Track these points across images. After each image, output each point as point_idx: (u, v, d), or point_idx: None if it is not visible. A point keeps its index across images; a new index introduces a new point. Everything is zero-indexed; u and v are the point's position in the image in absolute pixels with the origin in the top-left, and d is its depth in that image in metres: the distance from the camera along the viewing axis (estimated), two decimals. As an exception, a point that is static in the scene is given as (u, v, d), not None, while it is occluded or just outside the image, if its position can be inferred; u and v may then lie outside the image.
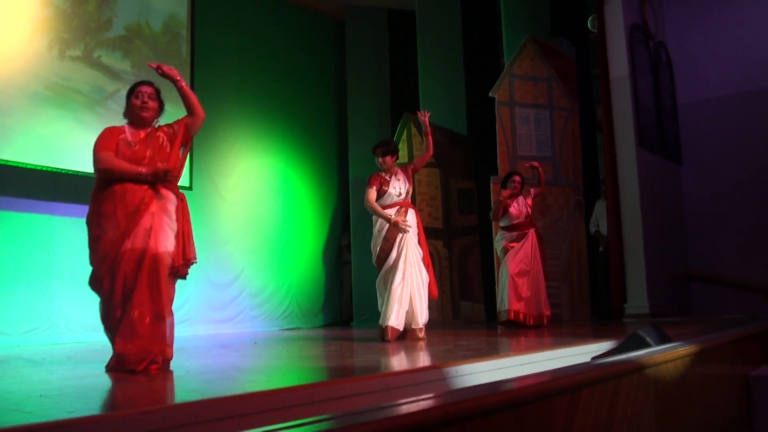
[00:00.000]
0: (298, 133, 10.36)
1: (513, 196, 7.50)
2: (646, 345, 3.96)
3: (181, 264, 3.72)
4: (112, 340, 3.65)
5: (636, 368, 3.10)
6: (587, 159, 9.60)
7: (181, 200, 3.84)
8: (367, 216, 6.46)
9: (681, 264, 9.70)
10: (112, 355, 3.63)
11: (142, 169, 3.71)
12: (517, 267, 7.31)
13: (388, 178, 6.08)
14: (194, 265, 3.83)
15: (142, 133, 3.87)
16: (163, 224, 3.70)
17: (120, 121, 3.99)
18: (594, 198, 9.49)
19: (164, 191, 3.76)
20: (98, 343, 6.48)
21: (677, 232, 9.75)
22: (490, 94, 9.09)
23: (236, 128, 9.42)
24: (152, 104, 3.89)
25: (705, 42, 9.96)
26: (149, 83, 3.98)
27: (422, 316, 5.84)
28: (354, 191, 10.22)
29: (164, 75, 3.81)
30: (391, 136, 10.13)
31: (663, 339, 4.16)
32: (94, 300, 7.35)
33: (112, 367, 3.61)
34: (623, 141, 8.61)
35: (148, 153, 3.81)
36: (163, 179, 3.75)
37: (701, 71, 9.96)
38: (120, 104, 4.20)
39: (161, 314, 3.59)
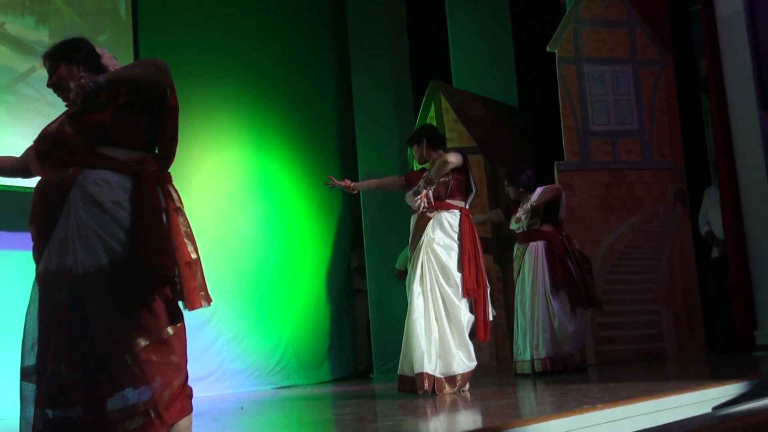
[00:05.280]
0: (287, 115, 10.29)
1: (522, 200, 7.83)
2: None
3: (143, 275, 3.41)
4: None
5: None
6: (690, 131, 9.50)
7: (140, 180, 3.53)
8: (386, 225, 6.58)
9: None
10: None
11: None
12: (519, 297, 7.74)
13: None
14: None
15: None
16: (91, 228, 3.43)
17: (43, 109, 3.96)
18: (702, 185, 9.41)
19: (101, 174, 3.50)
20: None
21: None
22: (547, 49, 9.05)
23: (200, 113, 9.25)
24: (55, 78, 3.77)
25: None
26: (43, 58, 3.87)
27: (454, 361, 5.93)
28: (366, 192, 10.02)
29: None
30: (414, 112, 10.19)
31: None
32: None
33: None
34: (739, 103, 8.51)
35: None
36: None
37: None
38: (36, 88, 4.16)
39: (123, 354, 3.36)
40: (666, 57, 9.28)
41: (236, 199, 9.69)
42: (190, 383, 3.55)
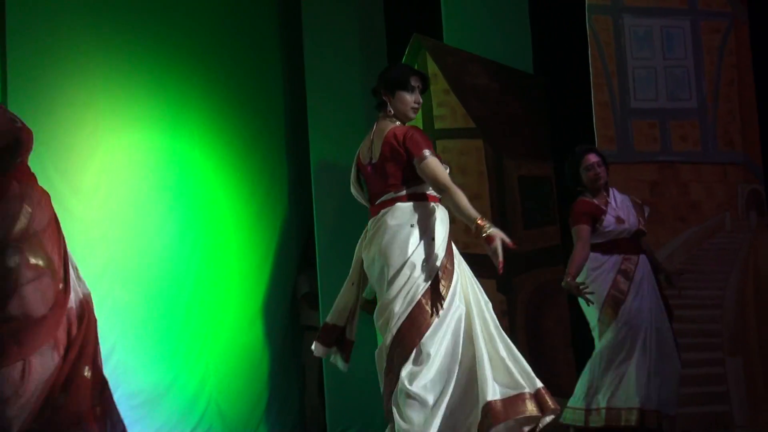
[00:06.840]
0: (214, 84, 10.23)
1: (596, 194, 7.79)
2: None
3: None
4: None
5: None
6: (768, 112, 9.43)
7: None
8: (346, 239, 6.87)
9: None
10: None
11: None
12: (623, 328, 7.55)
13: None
14: None
15: None
16: None
17: None
18: (782, 185, 9.36)
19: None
20: None
21: None
22: (575, -6, 9.12)
23: (91, 81, 9.27)
24: None
25: None
26: None
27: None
28: (319, 189, 10.05)
29: None
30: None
31: None
32: None
33: None
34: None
35: None
36: None
37: None
38: None
39: None
40: (738, 8, 9.41)
41: (142, 199, 9.59)
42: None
